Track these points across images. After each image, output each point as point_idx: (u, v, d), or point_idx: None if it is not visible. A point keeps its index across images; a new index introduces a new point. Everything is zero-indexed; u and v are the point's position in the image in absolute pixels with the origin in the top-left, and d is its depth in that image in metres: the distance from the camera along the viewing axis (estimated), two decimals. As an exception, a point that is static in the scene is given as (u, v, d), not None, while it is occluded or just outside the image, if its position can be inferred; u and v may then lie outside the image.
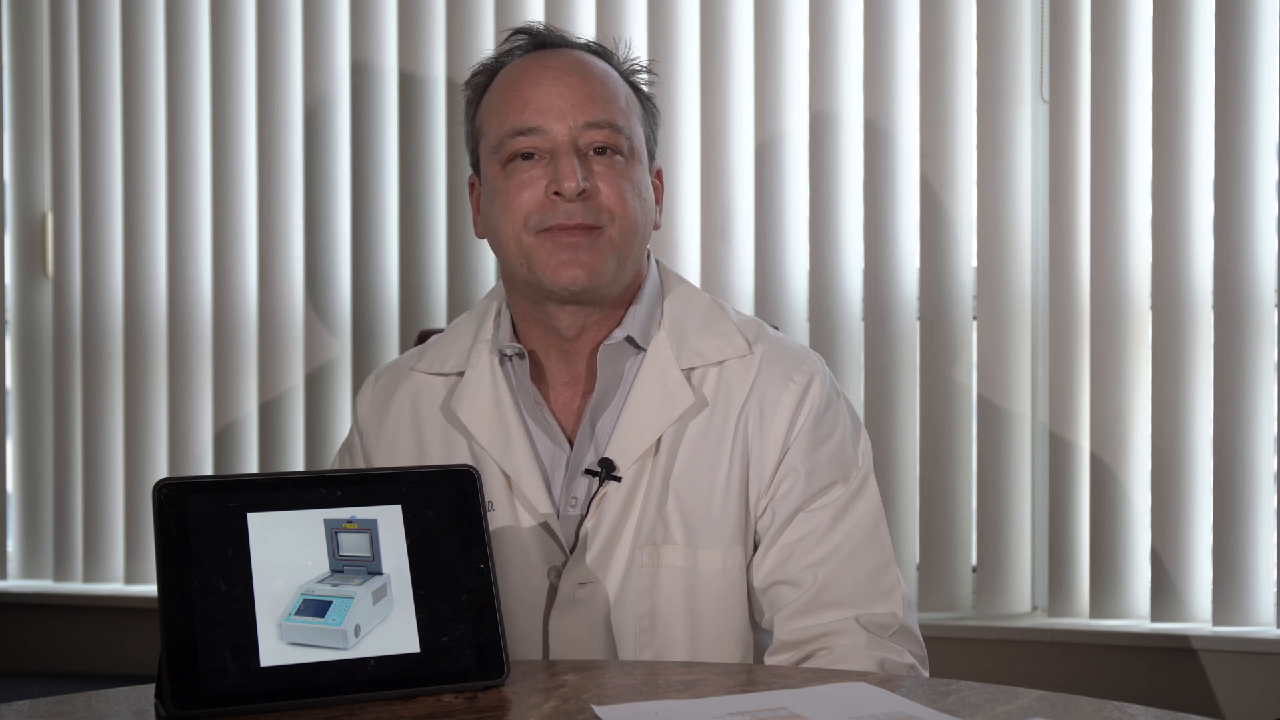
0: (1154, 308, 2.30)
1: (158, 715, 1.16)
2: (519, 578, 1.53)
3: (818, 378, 1.58)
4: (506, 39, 1.62)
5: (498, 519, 1.54)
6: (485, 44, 2.54)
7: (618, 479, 1.53)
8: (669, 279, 1.65)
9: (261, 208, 2.74)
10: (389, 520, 1.25)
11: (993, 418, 2.38)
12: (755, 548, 1.56)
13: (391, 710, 1.16)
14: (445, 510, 1.26)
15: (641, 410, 1.54)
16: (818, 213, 2.45)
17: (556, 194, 1.51)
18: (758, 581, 1.54)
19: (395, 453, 1.64)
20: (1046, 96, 2.37)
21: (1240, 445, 2.24)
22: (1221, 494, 2.25)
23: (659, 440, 1.54)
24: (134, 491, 2.79)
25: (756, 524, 1.56)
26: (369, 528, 1.24)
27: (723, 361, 1.57)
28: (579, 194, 1.50)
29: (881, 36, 2.42)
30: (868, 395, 2.42)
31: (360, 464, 1.67)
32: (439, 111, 2.65)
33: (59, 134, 2.85)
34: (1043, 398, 2.38)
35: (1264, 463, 2.24)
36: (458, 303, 2.61)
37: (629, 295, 1.59)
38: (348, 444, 1.72)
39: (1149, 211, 2.30)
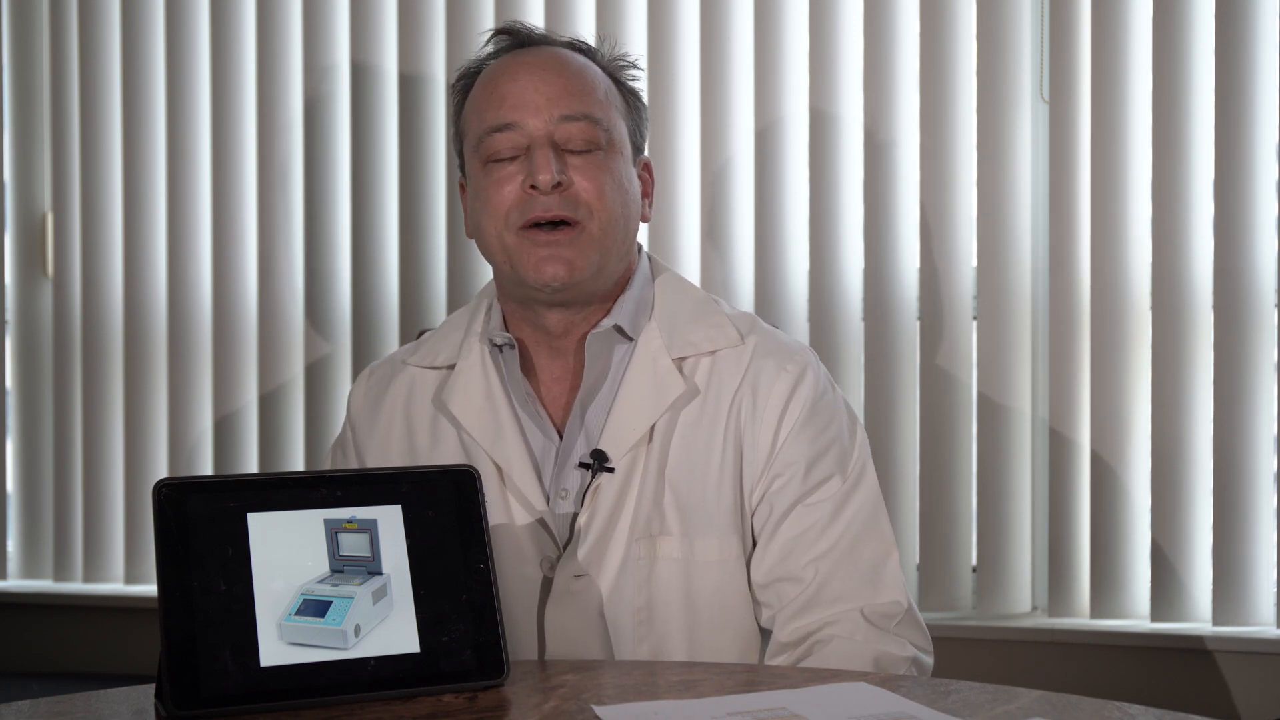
0: (1154, 308, 2.30)
1: (158, 715, 1.16)
2: (512, 570, 1.53)
3: (811, 369, 1.58)
4: (489, 40, 1.64)
5: (490, 511, 1.53)
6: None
7: (610, 470, 1.52)
8: (659, 271, 1.65)
9: (261, 208, 2.74)
10: (389, 520, 1.25)
11: (993, 417, 2.38)
12: (753, 539, 1.56)
13: (391, 710, 1.16)
14: (445, 510, 1.26)
15: (633, 399, 1.54)
16: (818, 212, 2.45)
17: (533, 188, 1.51)
18: (759, 577, 1.54)
19: (387, 448, 1.63)
20: (1046, 97, 2.37)
21: (1240, 445, 2.23)
22: (1221, 494, 2.24)
23: (651, 430, 1.54)
24: (134, 491, 2.79)
25: (753, 515, 1.55)
26: (369, 528, 1.24)
27: (714, 351, 1.57)
28: (555, 187, 1.51)
29: (881, 36, 2.42)
30: (868, 395, 2.42)
31: (353, 460, 1.67)
32: (439, 111, 2.65)
33: (59, 134, 2.84)
34: (1043, 397, 2.38)
35: (1264, 463, 2.24)
36: (458, 302, 2.61)
37: (617, 289, 1.60)
38: (341, 440, 1.72)
39: (1149, 211, 2.30)
